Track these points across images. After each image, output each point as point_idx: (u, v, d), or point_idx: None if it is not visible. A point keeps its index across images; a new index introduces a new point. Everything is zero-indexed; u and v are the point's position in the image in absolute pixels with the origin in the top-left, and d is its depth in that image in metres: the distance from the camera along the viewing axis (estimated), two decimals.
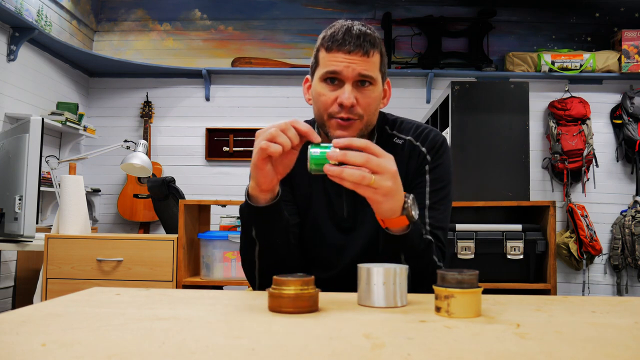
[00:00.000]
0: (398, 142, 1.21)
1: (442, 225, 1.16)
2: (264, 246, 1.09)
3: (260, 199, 1.03)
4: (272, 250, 1.10)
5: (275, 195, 1.04)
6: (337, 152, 0.92)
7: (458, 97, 2.90)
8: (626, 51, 4.33)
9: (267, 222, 1.06)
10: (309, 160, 0.94)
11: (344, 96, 1.08)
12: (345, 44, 1.07)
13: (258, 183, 0.99)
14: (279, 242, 1.09)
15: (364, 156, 0.92)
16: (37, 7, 3.76)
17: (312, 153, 0.94)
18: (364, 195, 0.95)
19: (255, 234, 1.07)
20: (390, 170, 0.94)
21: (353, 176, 0.91)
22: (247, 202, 1.04)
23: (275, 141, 0.93)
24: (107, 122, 4.63)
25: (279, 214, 1.05)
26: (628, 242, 4.19)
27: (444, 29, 4.57)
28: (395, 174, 0.95)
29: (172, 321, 0.69)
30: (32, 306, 0.79)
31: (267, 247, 1.09)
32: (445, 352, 0.55)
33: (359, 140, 0.93)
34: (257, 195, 1.02)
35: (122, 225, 4.55)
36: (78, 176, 2.45)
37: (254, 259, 1.11)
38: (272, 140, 0.93)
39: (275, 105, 4.59)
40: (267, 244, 1.09)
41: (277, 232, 1.07)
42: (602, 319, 0.74)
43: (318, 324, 0.69)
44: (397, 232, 1.02)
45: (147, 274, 2.38)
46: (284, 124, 0.95)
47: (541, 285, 2.37)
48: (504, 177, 2.82)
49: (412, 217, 1.00)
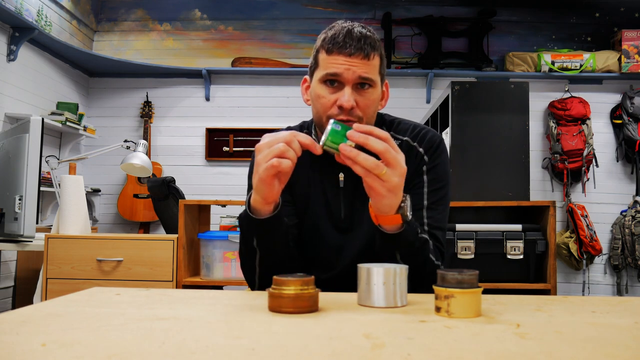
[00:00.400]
0: (395, 143, 1.21)
1: (440, 225, 1.17)
2: (264, 254, 1.09)
3: (264, 211, 1.02)
4: (272, 256, 1.10)
5: (277, 204, 1.03)
6: (359, 134, 0.91)
7: (458, 97, 2.90)
8: (626, 51, 4.33)
9: (268, 232, 1.05)
10: (327, 133, 0.93)
11: (344, 99, 1.08)
12: (346, 46, 1.07)
13: (264, 197, 0.98)
14: (280, 248, 1.09)
15: (385, 145, 0.92)
16: (37, 7, 3.76)
17: (333, 127, 0.93)
18: (370, 185, 0.94)
19: (256, 244, 1.07)
20: (402, 168, 0.94)
21: (367, 161, 0.90)
22: (249, 215, 1.03)
23: (284, 157, 0.92)
24: (107, 122, 4.63)
25: (280, 223, 1.05)
26: (628, 242, 4.19)
27: (444, 29, 4.57)
28: (404, 172, 0.95)
29: (172, 321, 0.69)
30: (32, 306, 0.79)
31: (267, 255, 1.09)
32: (445, 352, 0.55)
33: (379, 130, 0.93)
34: (261, 208, 1.01)
35: (122, 225, 4.55)
36: (78, 176, 2.45)
37: (254, 265, 1.11)
38: (282, 156, 0.92)
39: (275, 105, 4.59)
40: (268, 252, 1.09)
41: (278, 240, 1.07)
42: (602, 319, 0.74)
43: (318, 324, 0.69)
44: (390, 230, 1.02)
45: (147, 274, 2.38)
46: (289, 137, 0.93)
47: (541, 285, 2.37)
48: (504, 177, 2.82)
49: (406, 217, 1.00)
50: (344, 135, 0.92)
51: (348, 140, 0.92)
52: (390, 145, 0.93)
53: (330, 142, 0.93)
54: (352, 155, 0.91)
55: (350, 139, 0.92)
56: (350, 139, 0.92)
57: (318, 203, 1.22)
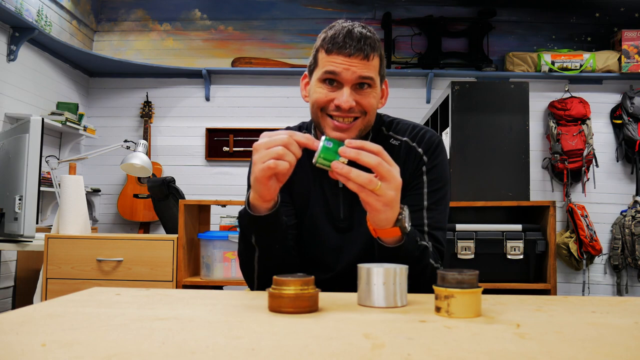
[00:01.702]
0: (395, 143, 1.21)
1: (440, 226, 1.17)
2: (263, 252, 1.09)
3: (262, 208, 1.02)
4: (271, 255, 1.10)
5: (275, 202, 1.03)
6: (350, 150, 0.91)
7: (458, 97, 2.90)
8: (626, 51, 4.33)
9: (267, 230, 1.05)
10: (319, 151, 0.92)
11: (342, 99, 1.08)
12: (346, 47, 1.07)
13: (261, 195, 0.98)
14: (278, 247, 1.09)
15: (377, 159, 0.91)
16: (37, 7, 3.76)
17: (325, 145, 0.92)
18: (365, 200, 0.93)
19: (255, 241, 1.07)
20: (397, 181, 0.93)
21: (360, 177, 0.90)
22: (248, 211, 1.03)
23: (282, 159, 0.92)
24: (107, 122, 4.63)
25: (278, 221, 1.05)
26: (628, 242, 4.19)
27: (444, 29, 4.57)
28: (399, 185, 0.94)
29: (172, 321, 0.69)
30: (32, 306, 0.79)
31: (266, 253, 1.09)
32: (445, 352, 0.55)
33: (371, 144, 0.92)
34: (259, 205, 1.02)
35: (122, 225, 4.55)
36: (78, 176, 2.44)
37: (253, 263, 1.11)
38: (280, 159, 0.92)
39: (275, 105, 4.59)
40: (267, 250, 1.09)
41: (276, 238, 1.07)
42: (602, 319, 0.74)
43: (318, 324, 0.69)
44: (389, 242, 1.01)
45: (147, 274, 2.38)
46: (287, 139, 0.92)
47: (541, 285, 2.37)
48: (504, 177, 2.82)
49: (405, 229, 0.99)
50: (336, 152, 0.91)
51: (341, 157, 0.91)
52: (384, 159, 0.92)
53: (322, 159, 0.92)
54: (344, 172, 0.90)
55: (342, 156, 0.91)
56: (343, 155, 0.91)
57: (317, 204, 1.22)
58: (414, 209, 1.15)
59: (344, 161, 0.91)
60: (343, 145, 0.91)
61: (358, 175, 0.90)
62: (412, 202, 1.15)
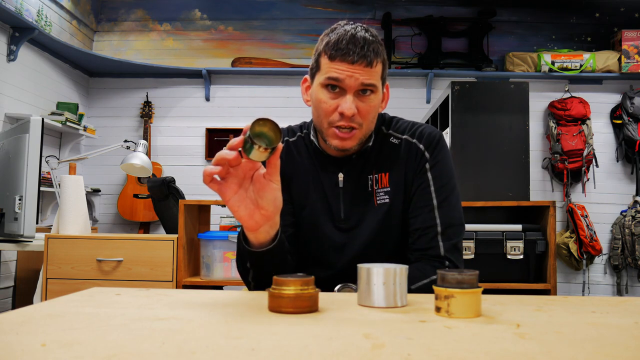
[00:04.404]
0: (395, 142, 1.21)
1: (454, 222, 1.15)
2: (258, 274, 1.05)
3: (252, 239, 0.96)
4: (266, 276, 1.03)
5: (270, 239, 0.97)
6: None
7: (458, 97, 2.90)
8: (626, 51, 4.33)
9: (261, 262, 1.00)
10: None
11: (345, 106, 1.08)
12: (349, 53, 1.06)
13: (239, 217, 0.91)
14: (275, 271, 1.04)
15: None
16: (37, 7, 3.76)
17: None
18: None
19: (250, 266, 1.04)
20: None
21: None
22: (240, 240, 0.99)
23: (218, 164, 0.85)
24: (107, 122, 4.63)
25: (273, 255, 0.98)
26: (628, 242, 4.19)
27: (444, 29, 4.57)
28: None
29: (172, 321, 0.69)
30: (32, 306, 0.79)
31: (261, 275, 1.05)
32: (445, 352, 0.55)
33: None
34: (248, 236, 0.96)
35: (122, 225, 4.55)
36: (78, 176, 2.44)
37: (248, 279, 1.08)
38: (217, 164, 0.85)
39: (275, 105, 4.59)
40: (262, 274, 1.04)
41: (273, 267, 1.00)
42: (602, 319, 0.74)
43: (318, 324, 0.69)
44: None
45: (147, 274, 2.38)
46: (218, 160, 0.85)
47: (541, 285, 2.37)
48: (504, 177, 2.82)
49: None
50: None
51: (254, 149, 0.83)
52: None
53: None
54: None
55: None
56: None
57: (318, 203, 1.21)
58: (425, 209, 1.14)
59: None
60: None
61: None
62: (421, 202, 1.15)
